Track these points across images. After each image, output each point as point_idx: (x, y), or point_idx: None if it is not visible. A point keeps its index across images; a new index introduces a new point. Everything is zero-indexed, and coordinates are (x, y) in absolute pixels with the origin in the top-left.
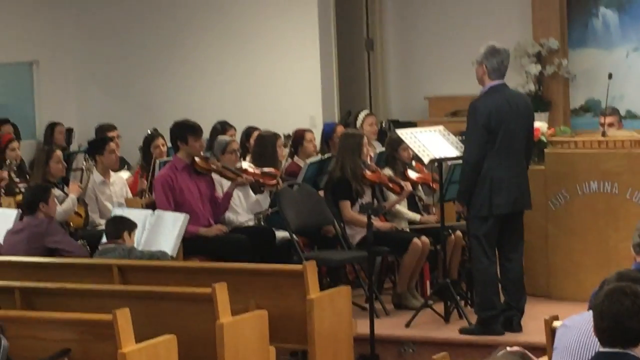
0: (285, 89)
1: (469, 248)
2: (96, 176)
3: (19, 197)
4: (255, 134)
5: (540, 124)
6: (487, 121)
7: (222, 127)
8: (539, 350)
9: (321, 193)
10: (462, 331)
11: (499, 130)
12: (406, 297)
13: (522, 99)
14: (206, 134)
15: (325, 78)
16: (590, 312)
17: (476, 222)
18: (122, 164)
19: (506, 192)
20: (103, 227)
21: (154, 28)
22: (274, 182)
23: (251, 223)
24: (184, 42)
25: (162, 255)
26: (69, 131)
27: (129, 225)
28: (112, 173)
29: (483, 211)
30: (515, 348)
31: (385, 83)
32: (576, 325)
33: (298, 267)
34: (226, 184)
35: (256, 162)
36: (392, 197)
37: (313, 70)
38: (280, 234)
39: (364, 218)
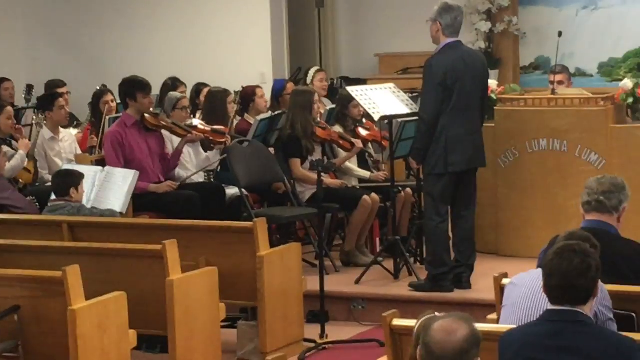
0: (236, 45)
1: (419, 205)
2: (45, 132)
3: None
4: (206, 90)
5: (490, 82)
6: (443, 79)
7: (173, 84)
8: (488, 307)
9: (271, 150)
10: (412, 287)
11: (454, 88)
12: (355, 255)
13: (478, 56)
14: (156, 91)
15: (276, 35)
16: (539, 269)
17: (431, 179)
18: (71, 120)
19: (461, 149)
20: None
21: None
22: (224, 139)
23: (201, 179)
24: None
25: (110, 214)
26: (30, 87)
27: (76, 180)
28: (61, 129)
29: (438, 169)
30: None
31: (336, 40)
32: (525, 283)
33: (248, 224)
34: (176, 140)
35: (206, 118)
36: (342, 154)
37: (263, 26)
38: (230, 190)
39: (314, 175)
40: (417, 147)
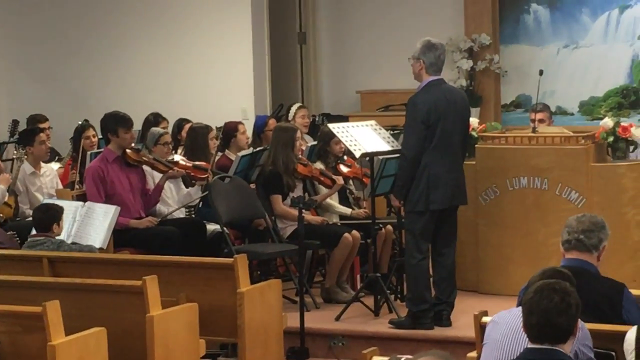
0: (218, 81)
1: (400, 242)
2: (26, 167)
3: None
4: (187, 126)
5: (472, 119)
6: (426, 117)
7: (155, 119)
8: (468, 345)
9: (252, 186)
10: (392, 324)
11: (437, 125)
12: (335, 291)
13: (459, 94)
14: (138, 126)
15: (258, 70)
16: (520, 308)
17: (412, 217)
18: (53, 155)
19: (443, 187)
20: None
21: (87, 20)
22: (205, 175)
23: (182, 215)
24: (117, 34)
25: (89, 250)
26: (15, 122)
27: (57, 215)
28: (42, 164)
29: (419, 206)
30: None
31: (318, 76)
32: (505, 321)
33: (229, 260)
34: (157, 176)
35: (188, 154)
36: (324, 190)
37: (245, 62)
38: (211, 226)
39: (295, 212)
40: (399, 184)
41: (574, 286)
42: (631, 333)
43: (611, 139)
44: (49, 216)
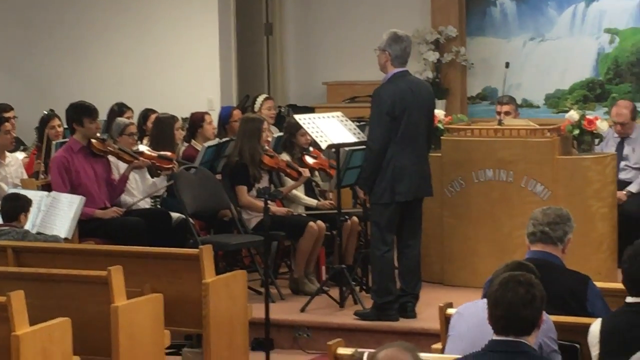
0: (184, 71)
1: (365, 234)
2: None
3: None
4: (153, 116)
5: (438, 112)
6: (391, 109)
7: (120, 109)
8: (433, 336)
9: (218, 177)
10: (357, 315)
11: (402, 117)
12: (303, 282)
13: (424, 86)
14: (103, 116)
15: (224, 61)
16: (485, 300)
17: (377, 208)
18: (17, 145)
19: (408, 179)
20: None
21: (53, 9)
22: (171, 165)
23: (147, 205)
24: (83, 24)
25: (54, 240)
26: None
27: (26, 205)
28: (7, 154)
29: (385, 198)
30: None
31: (284, 68)
32: (470, 313)
33: (194, 251)
34: (123, 166)
35: (153, 144)
36: (289, 182)
37: (211, 53)
38: (177, 216)
39: (260, 203)
40: (365, 176)
41: (538, 277)
42: (595, 325)
43: (577, 131)
44: (18, 206)
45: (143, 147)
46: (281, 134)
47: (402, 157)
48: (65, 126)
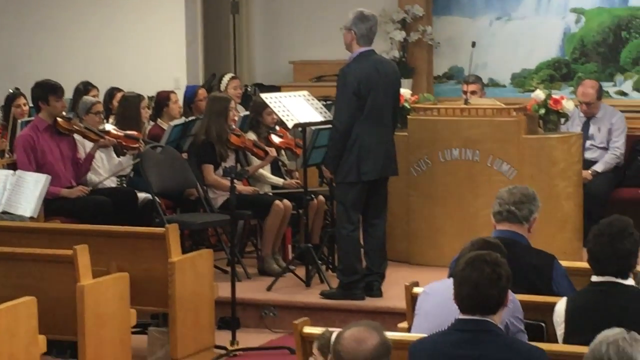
0: (150, 50)
1: (332, 213)
2: None
3: None
4: (119, 95)
5: (404, 91)
6: (356, 88)
7: (85, 88)
8: (399, 315)
9: (184, 156)
10: (323, 295)
11: (368, 97)
12: (269, 261)
13: (390, 65)
14: (69, 94)
15: (190, 40)
16: (451, 279)
17: (343, 187)
18: None
19: (373, 158)
20: None
21: None
22: (137, 144)
23: (113, 184)
24: (49, 2)
25: (20, 220)
26: None
27: None
28: None
29: (350, 177)
30: None
31: (250, 46)
32: (436, 292)
33: (160, 230)
34: (89, 145)
35: (119, 123)
36: (256, 161)
37: (178, 32)
38: (143, 195)
39: (226, 182)
40: (331, 155)
41: (504, 255)
42: (561, 304)
43: (543, 111)
44: None
45: (109, 126)
46: (247, 113)
47: (368, 137)
48: (31, 105)
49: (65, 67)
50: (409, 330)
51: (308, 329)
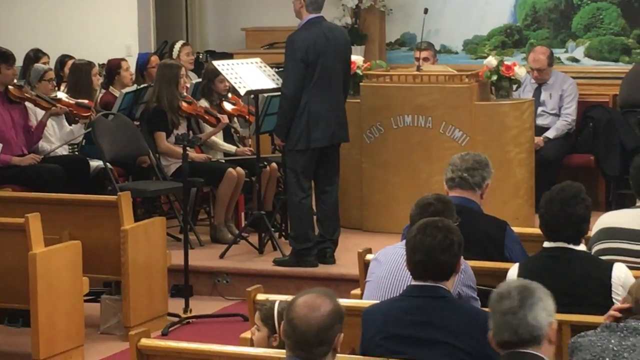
0: (101, 17)
1: (284, 180)
2: None
3: None
4: (70, 63)
5: (356, 58)
6: (304, 55)
7: (35, 55)
8: (352, 282)
9: (136, 123)
10: (276, 262)
11: (316, 64)
12: (221, 229)
13: (340, 32)
14: (19, 62)
15: (142, 7)
16: (401, 244)
17: (293, 155)
18: None
19: (323, 125)
20: None
21: None
22: (89, 112)
23: (65, 152)
24: None
25: None
26: None
27: None
28: None
29: (300, 144)
30: None
31: (202, 13)
32: (388, 259)
33: (112, 197)
34: (40, 113)
35: (71, 91)
36: (208, 128)
37: None
38: (95, 163)
39: (179, 149)
40: (280, 123)
41: (453, 209)
42: (513, 270)
43: (495, 77)
44: None
45: (61, 94)
46: (199, 80)
47: (317, 104)
48: None
49: (15, 34)
50: (361, 296)
51: (261, 296)
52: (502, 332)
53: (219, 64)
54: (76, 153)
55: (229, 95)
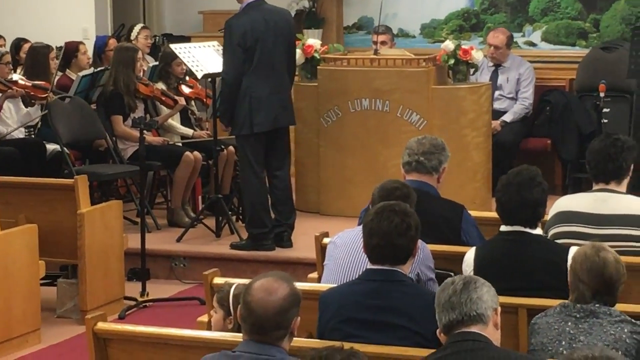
0: (57, 0)
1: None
2: None
3: None
4: (26, 46)
5: (314, 41)
6: (242, 40)
7: None
8: (309, 265)
9: (93, 106)
10: (233, 246)
11: (255, 48)
12: (179, 212)
13: (281, 14)
14: None
15: None
16: (358, 228)
17: (240, 140)
18: None
19: (266, 110)
20: None
21: None
22: (45, 95)
23: (21, 135)
24: None
25: None
26: None
27: None
28: None
29: (245, 130)
30: None
31: None
32: (345, 242)
33: (69, 181)
34: None
35: (28, 74)
36: (165, 111)
37: None
38: (51, 147)
39: (136, 132)
40: (222, 108)
41: (411, 195)
42: (470, 254)
43: (452, 61)
44: None
45: (16, 76)
46: (156, 63)
47: (259, 88)
48: None
49: None
50: (319, 280)
51: (218, 280)
52: (448, 313)
53: (176, 47)
54: (32, 136)
55: (187, 78)
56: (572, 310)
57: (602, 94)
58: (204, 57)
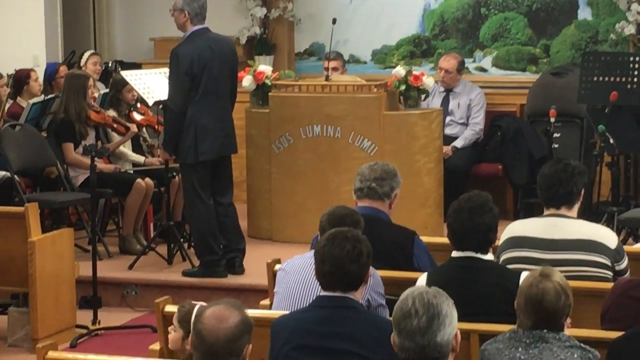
0: (7, 27)
1: None
2: None
3: None
4: None
5: (265, 67)
6: (189, 68)
7: None
8: (261, 292)
9: (44, 134)
10: (185, 273)
11: (202, 76)
12: (130, 240)
13: (225, 42)
14: None
15: (49, 16)
16: (308, 254)
17: (185, 169)
18: None
19: (211, 138)
20: None
21: None
22: None
23: None
24: None
25: None
26: None
27: None
28: None
29: (190, 158)
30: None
31: (110, 23)
32: (296, 269)
33: (19, 209)
34: None
35: None
36: (117, 138)
37: (36, 8)
38: (1, 174)
39: (87, 160)
40: (167, 138)
41: (360, 222)
42: (422, 280)
43: (403, 87)
44: None
45: None
46: (107, 90)
47: (204, 117)
48: None
49: None
50: (270, 307)
51: (170, 308)
52: (410, 353)
53: (127, 74)
54: None
55: (138, 105)
56: (522, 336)
57: (552, 119)
58: (155, 84)
